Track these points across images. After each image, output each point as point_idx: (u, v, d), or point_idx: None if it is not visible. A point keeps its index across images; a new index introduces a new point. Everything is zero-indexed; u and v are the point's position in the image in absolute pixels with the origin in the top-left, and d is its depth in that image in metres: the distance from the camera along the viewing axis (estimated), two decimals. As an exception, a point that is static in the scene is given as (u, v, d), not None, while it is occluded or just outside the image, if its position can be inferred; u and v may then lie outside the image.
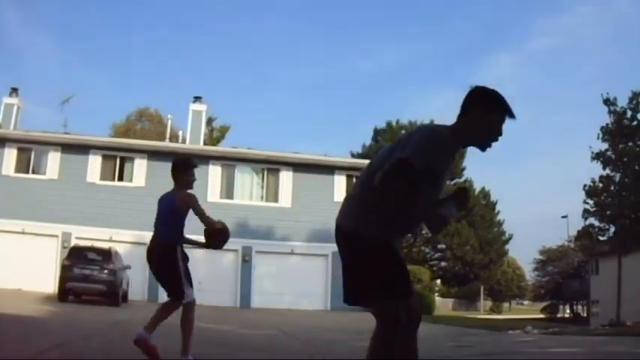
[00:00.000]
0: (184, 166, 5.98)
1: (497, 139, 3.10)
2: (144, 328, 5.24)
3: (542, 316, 45.78)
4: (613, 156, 26.50)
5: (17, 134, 23.18)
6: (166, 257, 5.49)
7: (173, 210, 5.73)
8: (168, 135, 30.75)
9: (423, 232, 37.85)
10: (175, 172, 5.92)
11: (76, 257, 16.95)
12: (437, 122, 3.59)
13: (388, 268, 2.99)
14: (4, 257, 20.33)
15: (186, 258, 5.56)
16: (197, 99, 26.51)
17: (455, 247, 36.12)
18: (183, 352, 5.38)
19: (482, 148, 3.12)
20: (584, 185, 27.22)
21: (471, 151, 3.34)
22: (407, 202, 2.88)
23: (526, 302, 66.21)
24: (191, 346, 5.46)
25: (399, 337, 2.96)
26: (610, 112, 26.77)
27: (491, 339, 11.47)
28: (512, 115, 3.08)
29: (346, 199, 3.20)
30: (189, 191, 5.80)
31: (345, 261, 3.14)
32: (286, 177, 24.37)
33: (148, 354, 5.13)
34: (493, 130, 3.08)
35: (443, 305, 43.84)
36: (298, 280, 23.29)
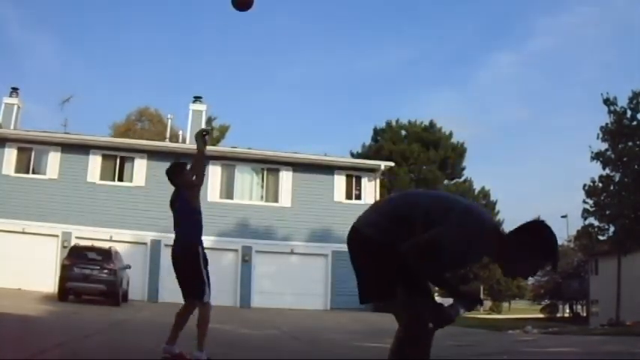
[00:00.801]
0: (175, 170, 6.17)
1: (525, 278, 3.14)
2: (166, 343, 5.45)
3: (541, 315, 45.80)
4: (613, 156, 26.51)
5: (17, 134, 23.17)
6: (189, 257, 5.71)
7: (188, 210, 5.95)
8: (168, 135, 30.75)
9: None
10: (174, 180, 6.11)
11: (76, 257, 16.95)
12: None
13: (407, 269, 3.03)
14: (4, 257, 20.31)
15: (206, 261, 5.70)
16: (197, 99, 26.51)
17: (455, 247, 36.17)
18: (198, 347, 5.50)
19: (507, 274, 3.18)
20: (584, 185, 27.24)
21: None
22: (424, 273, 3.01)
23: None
24: (205, 343, 5.61)
25: (421, 337, 3.06)
26: (610, 112, 26.78)
27: (491, 338, 11.49)
28: (554, 263, 3.09)
29: (373, 211, 3.37)
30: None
31: (358, 262, 3.24)
32: (286, 177, 24.37)
33: None
34: (528, 270, 3.11)
35: (443, 305, 43.78)
36: (298, 279, 23.29)
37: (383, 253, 3.08)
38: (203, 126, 27.81)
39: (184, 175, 5.85)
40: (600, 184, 26.85)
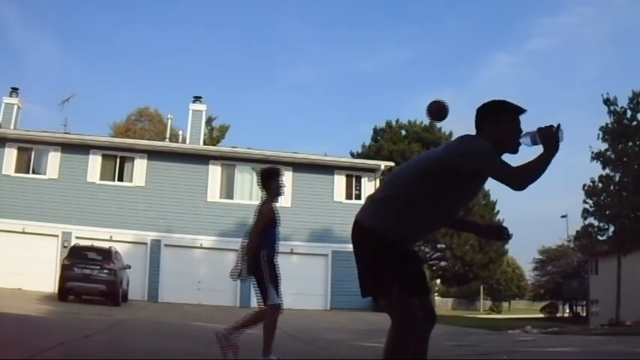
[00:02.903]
0: (271, 175, 6.25)
1: (519, 136, 3.19)
2: (229, 329, 5.83)
3: (541, 315, 45.79)
4: (613, 156, 26.51)
5: (17, 134, 23.17)
6: (253, 262, 5.86)
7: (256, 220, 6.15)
8: (168, 135, 30.74)
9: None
10: (264, 182, 6.21)
11: (76, 257, 16.97)
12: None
13: (404, 266, 3.15)
14: (4, 257, 20.32)
15: (273, 264, 5.87)
16: (197, 99, 26.50)
17: (454, 247, 36.04)
18: (265, 351, 5.75)
19: (514, 151, 3.23)
20: (584, 185, 27.24)
21: None
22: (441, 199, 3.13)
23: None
24: (272, 346, 5.81)
25: (411, 335, 3.12)
26: (610, 112, 26.78)
27: (490, 338, 11.50)
28: (520, 110, 3.25)
29: (369, 199, 3.47)
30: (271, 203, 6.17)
31: (359, 256, 3.38)
32: (286, 177, 24.34)
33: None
34: (511, 132, 3.22)
35: (443, 305, 43.87)
36: (298, 279, 23.25)
37: (382, 244, 3.17)
38: (203, 126, 27.82)
39: (275, 183, 6.14)
40: (600, 184, 26.85)
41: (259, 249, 5.87)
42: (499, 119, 3.18)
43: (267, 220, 6.05)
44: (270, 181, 6.12)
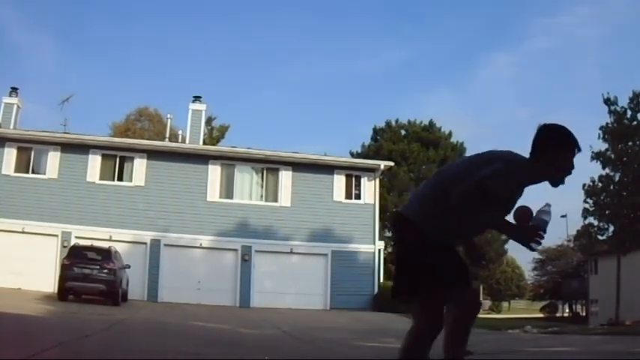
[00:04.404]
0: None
1: (570, 174, 3.27)
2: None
3: (541, 315, 45.81)
4: (613, 156, 26.50)
5: (17, 134, 23.16)
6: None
7: None
8: (167, 134, 30.73)
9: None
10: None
11: (76, 256, 16.95)
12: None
13: (445, 264, 3.23)
14: (4, 257, 20.30)
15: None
16: (197, 98, 26.49)
17: (454, 247, 36.17)
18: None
19: (556, 184, 3.28)
20: (584, 185, 27.21)
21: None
22: (476, 215, 3.17)
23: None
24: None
25: (433, 338, 3.27)
26: (610, 112, 26.77)
27: (490, 338, 11.48)
28: (580, 150, 3.27)
29: (414, 195, 3.58)
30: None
31: (402, 249, 3.43)
32: (286, 176, 24.37)
33: None
34: (567, 167, 3.24)
35: (442, 305, 43.71)
36: (298, 279, 23.29)
37: (426, 240, 3.25)
38: (203, 125, 27.81)
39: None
40: (600, 184, 26.83)
41: None
42: (566, 151, 3.21)
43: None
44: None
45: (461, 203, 3.10)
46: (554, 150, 3.18)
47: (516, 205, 3.34)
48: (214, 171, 23.75)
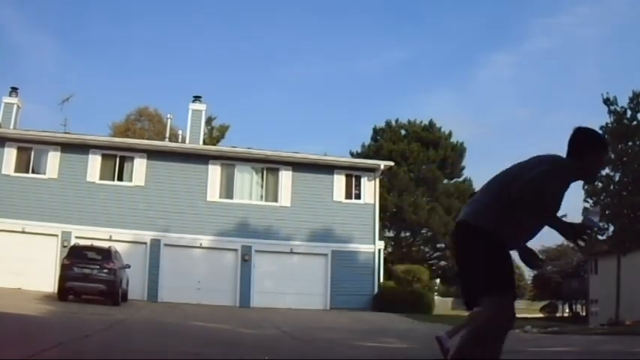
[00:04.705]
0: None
1: (603, 170, 3.68)
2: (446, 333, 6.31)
3: (541, 315, 45.79)
4: (613, 156, 26.50)
5: (17, 133, 23.15)
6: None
7: None
8: (167, 134, 30.72)
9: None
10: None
11: (76, 256, 16.94)
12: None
13: (497, 264, 3.45)
14: (4, 257, 20.30)
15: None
16: (197, 98, 26.48)
17: (454, 247, 36.16)
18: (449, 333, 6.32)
19: (594, 180, 3.94)
20: (584, 185, 27.23)
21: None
22: (529, 213, 3.49)
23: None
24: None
25: (491, 336, 3.38)
26: (610, 111, 26.78)
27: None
28: (607, 150, 3.93)
29: (470, 203, 3.84)
30: None
31: (463, 255, 3.65)
32: (286, 176, 24.36)
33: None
34: (602, 165, 3.94)
35: (442, 304, 43.65)
36: (298, 279, 23.28)
37: (488, 243, 3.47)
38: (203, 125, 27.82)
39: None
40: (600, 184, 26.84)
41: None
42: (602, 153, 3.72)
43: None
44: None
45: (514, 203, 3.41)
46: (587, 152, 3.60)
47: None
48: (214, 171, 23.75)
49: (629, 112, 26.41)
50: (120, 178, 23.23)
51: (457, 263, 3.73)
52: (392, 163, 27.12)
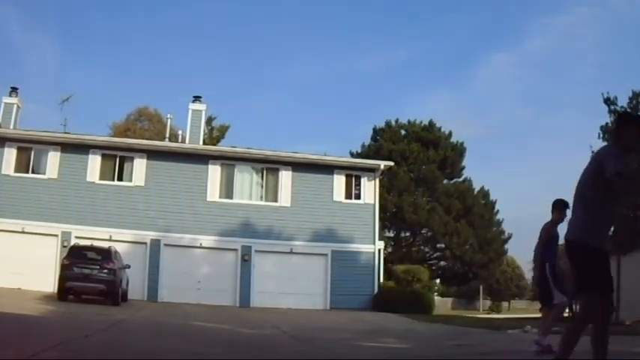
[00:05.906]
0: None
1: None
2: (539, 336, 7.65)
3: (541, 315, 45.68)
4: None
5: (17, 133, 23.15)
6: (538, 271, 7.97)
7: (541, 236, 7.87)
8: (167, 134, 30.71)
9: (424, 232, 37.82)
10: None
11: (76, 256, 16.94)
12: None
13: (599, 270, 4.43)
14: (4, 257, 20.30)
15: (554, 271, 7.89)
16: (196, 98, 26.48)
17: (454, 247, 36.00)
18: (542, 335, 7.63)
19: (636, 151, 4.70)
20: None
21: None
22: (626, 178, 4.51)
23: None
24: (548, 332, 7.70)
25: (582, 330, 4.37)
26: (610, 111, 26.75)
27: (490, 338, 11.48)
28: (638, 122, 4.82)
29: (572, 212, 4.90)
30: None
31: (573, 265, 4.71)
32: (286, 176, 24.36)
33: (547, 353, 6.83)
34: (634, 138, 4.64)
35: (442, 304, 43.81)
36: (298, 279, 23.29)
37: (582, 250, 4.54)
38: (203, 125, 27.81)
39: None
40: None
41: (544, 261, 7.68)
42: (630, 124, 4.70)
43: (548, 236, 7.76)
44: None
45: (611, 180, 4.36)
46: (622, 126, 4.69)
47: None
48: (214, 171, 23.75)
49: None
50: (120, 178, 23.23)
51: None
52: (392, 163, 27.11)
